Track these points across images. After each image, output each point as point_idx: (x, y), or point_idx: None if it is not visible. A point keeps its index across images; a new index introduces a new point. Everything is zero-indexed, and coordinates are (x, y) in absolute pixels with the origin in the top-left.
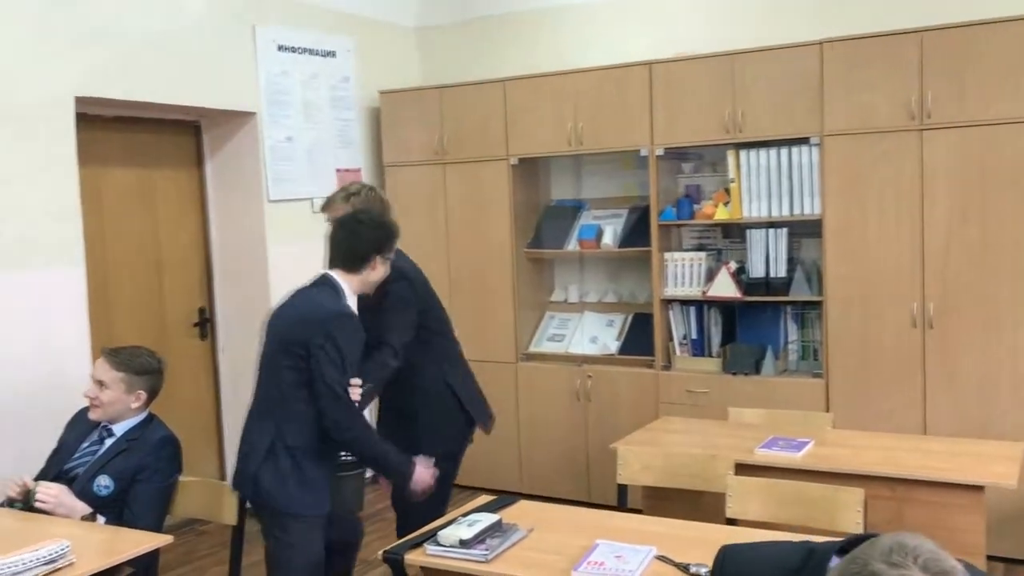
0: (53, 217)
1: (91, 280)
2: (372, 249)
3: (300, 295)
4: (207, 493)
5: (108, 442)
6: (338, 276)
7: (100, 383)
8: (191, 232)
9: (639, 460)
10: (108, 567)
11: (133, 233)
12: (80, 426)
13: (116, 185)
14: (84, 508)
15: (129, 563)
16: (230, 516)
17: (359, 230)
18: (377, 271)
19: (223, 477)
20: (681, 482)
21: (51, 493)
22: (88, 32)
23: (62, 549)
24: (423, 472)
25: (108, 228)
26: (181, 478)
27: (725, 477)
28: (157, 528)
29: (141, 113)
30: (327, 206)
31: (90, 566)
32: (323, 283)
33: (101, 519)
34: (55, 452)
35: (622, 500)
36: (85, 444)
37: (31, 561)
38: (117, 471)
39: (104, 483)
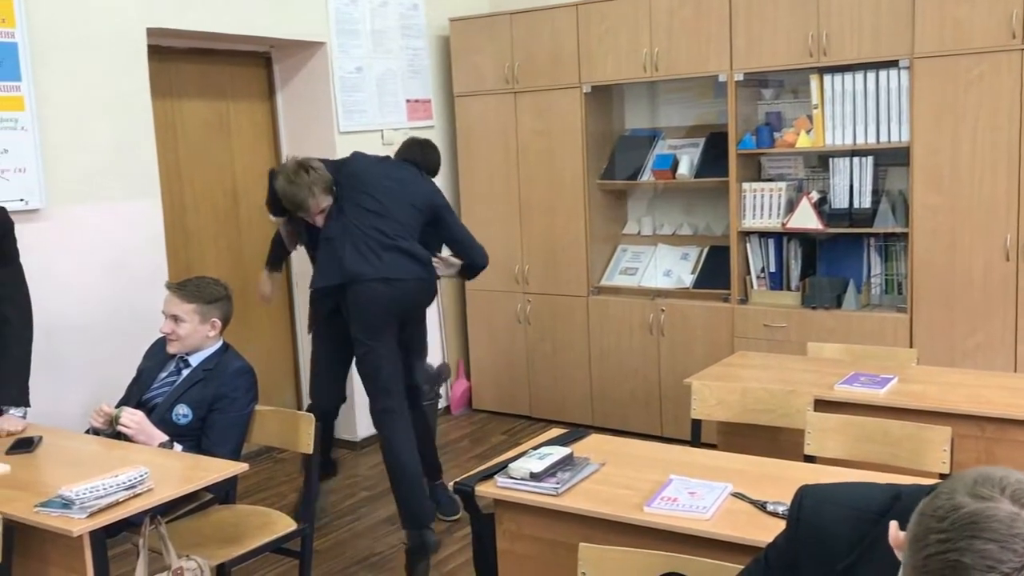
0: (128, 149)
1: (168, 212)
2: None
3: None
4: (284, 422)
5: (185, 372)
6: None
7: (175, 317)
8: (265, 164)
9: (714, 395)
10: (186, 493)
11: (209, 165)
12: (158, 355)
13: (191, 117)
14: (161, 436)
15: (207, 489)
16: (306, 445)
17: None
18: None
19: (299, 406)
20: (757, 418)
21: (134, 419)
22: None
23: (141, 475)
24: None
25: (184, 160)
26: (258, 407)
27: (804, 413)
28: (235, 456)
29: (213, 44)
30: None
31: (168, 492)
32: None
33: (178, 447)
34: (134, 381)
35: (696, 436)
36: (163, 374)
37: (112, 486)
38: (195, 400)
39: (183, 412)
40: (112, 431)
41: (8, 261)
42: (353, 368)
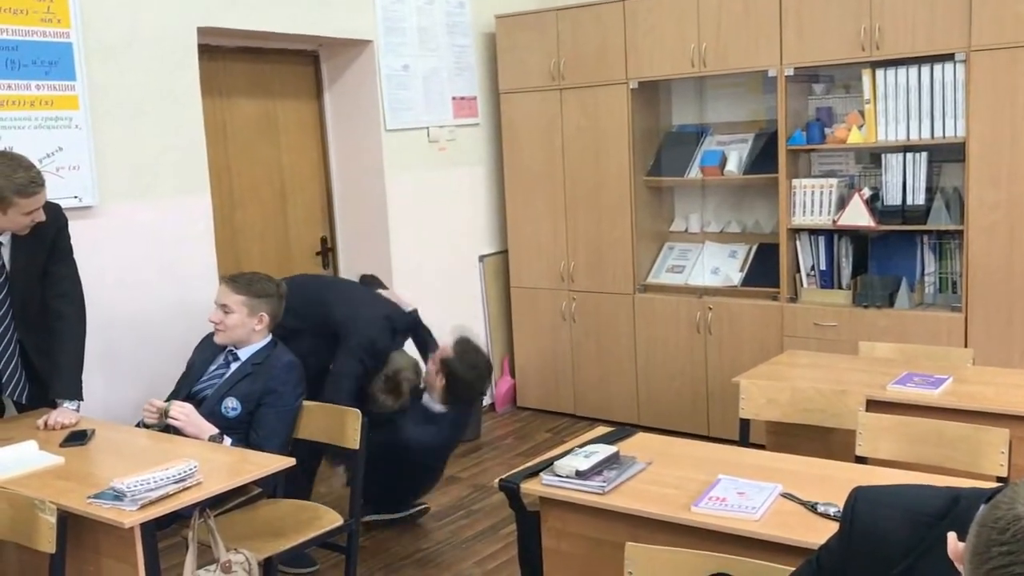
0: (179, 147)
1: (218, 209)
2: None
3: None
4: (331, 418)
5: (234, 366)
6: None
7: (224, 307)
8: (312, 162)
9: (763, 394)
10: (234, 487)
11: (257, 163)
12: (207, 349)
13: (240, 116)
14: (211, 428)
15: (255, 483)
16: (353, 441)
17: None
18: None
19: None
20: (808, 418)
21: (183, 411)
22: None
23: (191, 468)
24: None
25: (233, 158)
26: (305, 403)
27: (856, 413)
28: (283, 450)
29: (262, 43)
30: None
31: (217, 485)
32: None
33: (228, 440)
34: (184, 374)
35: (744, 435)
36: (212, 367)
37: (162, 479)
38: (243, 394)
39: (232, 405)
40: (163, 425)
41: (63, 257)
42: None
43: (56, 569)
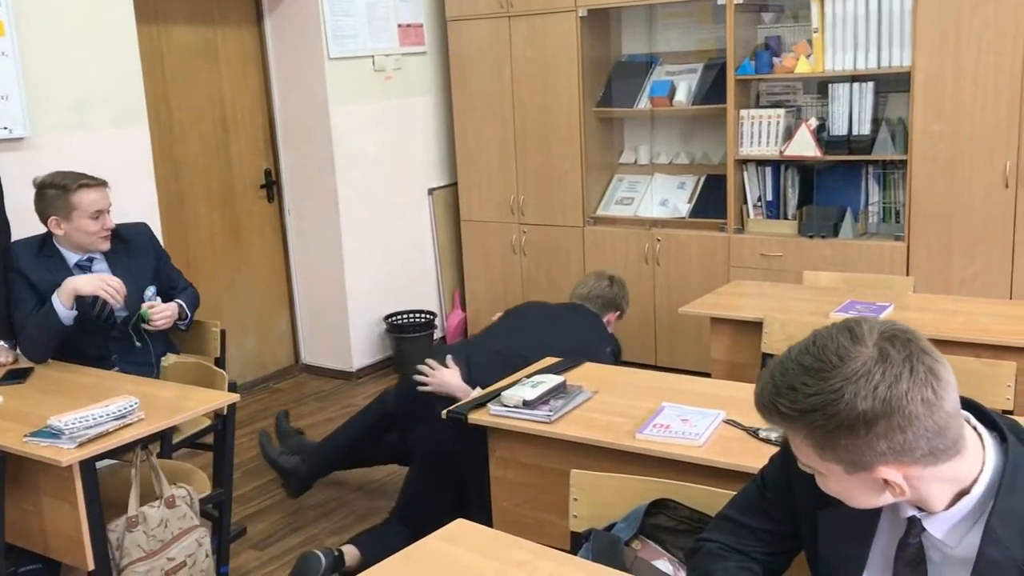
0: (114, 76)
1: (157, 142)
2: None
3: None
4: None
5: (100, 265)
6: None
7: (109, 208)
8: (254, 92)
9: (709, 323)
10: (180, 422)
11: (197, 93)
12: (47, 271)
13: (178, 44)
14: (175, 306)
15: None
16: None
17: None
18: None
19: (294, 334)
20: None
21: (166, 315)
22: None
23: (131, 405)
24: None
25: (172, 88)
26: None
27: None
28: None
29: None
30: None
31: (158, 423)
32: None
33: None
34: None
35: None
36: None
37: (102, 416)
38: (149, 275)
39: (151, 292)
40: (114, 316)
41: None
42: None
43: None
